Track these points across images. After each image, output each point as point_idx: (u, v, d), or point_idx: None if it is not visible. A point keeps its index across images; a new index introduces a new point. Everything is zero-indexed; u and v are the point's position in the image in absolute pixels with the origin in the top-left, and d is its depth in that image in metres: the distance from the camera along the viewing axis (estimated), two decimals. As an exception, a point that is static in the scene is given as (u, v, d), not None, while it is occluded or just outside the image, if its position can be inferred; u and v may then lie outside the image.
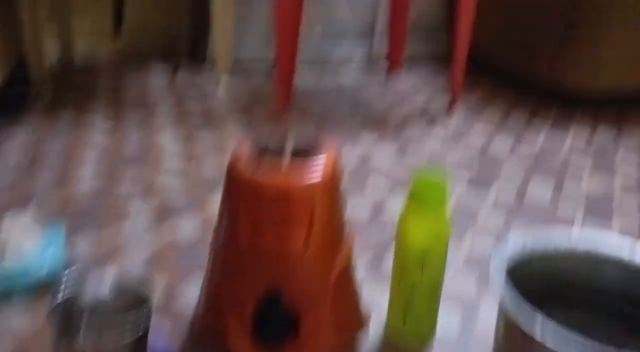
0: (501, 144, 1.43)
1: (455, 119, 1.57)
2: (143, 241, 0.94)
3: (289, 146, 0.63)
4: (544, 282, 0.73)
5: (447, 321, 0.80)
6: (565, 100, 1.75)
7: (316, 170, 0.59)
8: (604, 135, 1.53)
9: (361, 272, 0.89)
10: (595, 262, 0.73)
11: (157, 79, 1.73)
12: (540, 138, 1.48)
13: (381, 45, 2.00)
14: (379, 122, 1.52)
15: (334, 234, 0.62)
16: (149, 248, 0.92)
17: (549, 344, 0.54)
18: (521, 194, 1.18)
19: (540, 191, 1.20)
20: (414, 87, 1.83)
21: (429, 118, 1.47)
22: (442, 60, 2.01)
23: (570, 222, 1.09)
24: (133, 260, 0.89)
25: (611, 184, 1.25)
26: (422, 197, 0.65)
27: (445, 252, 0.69)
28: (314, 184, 0.58)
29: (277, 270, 0.59)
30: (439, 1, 2.06)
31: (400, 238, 0.68)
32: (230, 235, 0.60)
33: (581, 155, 1.39)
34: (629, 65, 1.66)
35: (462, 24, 1.56)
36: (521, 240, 0.73)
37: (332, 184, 0.60)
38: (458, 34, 1.58)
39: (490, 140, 1.45)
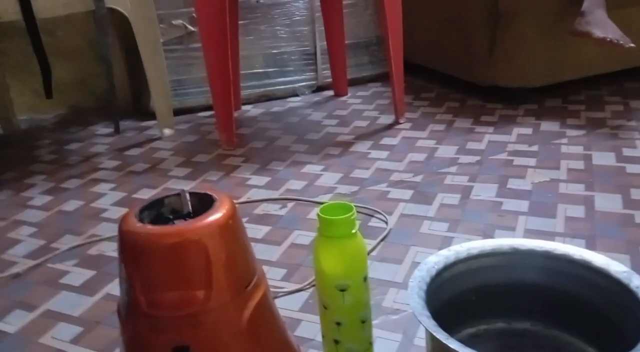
0: (446, 152, 1.43)
1: (402, 134, 1.58)
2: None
3: (184, 206, 0.64)
4: (467, 285, 0.73)
5: (387, 339, 0.79)
6: (508, 98, 1.77)
7: (208, 221, 0.59)
8: (546, 129, 1.55)
9: (295, 304, 0.89)
10: (518, 256, 0.73)
11: (99, 137, 1.73)
12: (484, 141, 1.49)
13: (326, 73, 2.03)
14: (325, 146, 1.52)
15: (239, 278, 0.62)
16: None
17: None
18: (465, 200, 1.18)
19: (484, 194, 1.20)
20: (359, 109, 1.84)
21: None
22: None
23: (515, 221, 1.09)
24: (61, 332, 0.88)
25: (555, 177, 1.26)
26: (328, 233, 0.67)
27: (362, 276, 0.69)
28: (205, 233, 0.58)
29: (181, 329, 0.58)
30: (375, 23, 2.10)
31: (316, 268, 0.69)
32: (130, 301, 0.59)
33: (524, 153, 1.40)
34: (544, 61, 1.69)
35: (392, 44, 1.59)
36: (446, 251, 0.73)
37: (228, 229, 0.60)
38: (391, 55, 1.60)
39: (434, 150, 1.46)
